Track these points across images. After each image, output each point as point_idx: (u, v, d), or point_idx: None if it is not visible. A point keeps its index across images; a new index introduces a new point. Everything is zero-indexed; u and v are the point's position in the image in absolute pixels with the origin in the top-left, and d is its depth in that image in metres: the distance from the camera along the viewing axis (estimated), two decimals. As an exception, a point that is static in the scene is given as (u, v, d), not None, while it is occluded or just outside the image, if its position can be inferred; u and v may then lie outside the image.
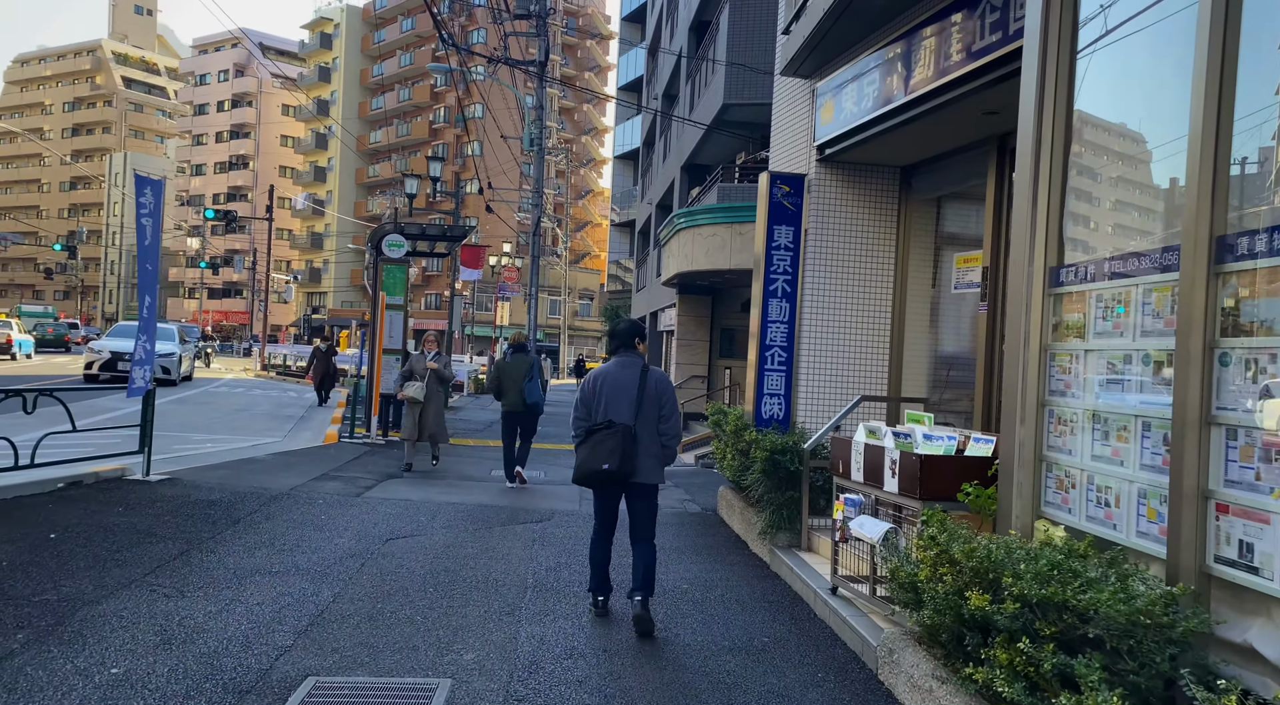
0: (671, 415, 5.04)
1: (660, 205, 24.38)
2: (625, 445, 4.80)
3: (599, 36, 79.36)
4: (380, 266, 13.17)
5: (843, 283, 7.66)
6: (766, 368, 7.60)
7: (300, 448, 11.55)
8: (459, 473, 10.77)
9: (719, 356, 16.97)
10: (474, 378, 31.05)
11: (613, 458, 4.78)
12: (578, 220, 72.51)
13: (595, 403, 4.98)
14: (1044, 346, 3.83)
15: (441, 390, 10.60)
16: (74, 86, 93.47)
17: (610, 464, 4.77)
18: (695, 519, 8.48)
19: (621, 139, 42.85)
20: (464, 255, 22.84)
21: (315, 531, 6.85)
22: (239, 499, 7.73)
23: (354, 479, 9.44)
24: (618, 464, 4.77)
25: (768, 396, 7.59)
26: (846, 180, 7.68)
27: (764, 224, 7.61)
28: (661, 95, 24.27)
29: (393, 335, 13.22)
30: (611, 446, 4.81)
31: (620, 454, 4.78)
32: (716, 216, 13.50)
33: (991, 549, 3.04)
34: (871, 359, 7.68)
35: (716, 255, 13.54)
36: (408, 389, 10.25)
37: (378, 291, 13.22)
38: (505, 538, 7.16)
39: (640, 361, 5.11)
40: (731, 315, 16.79)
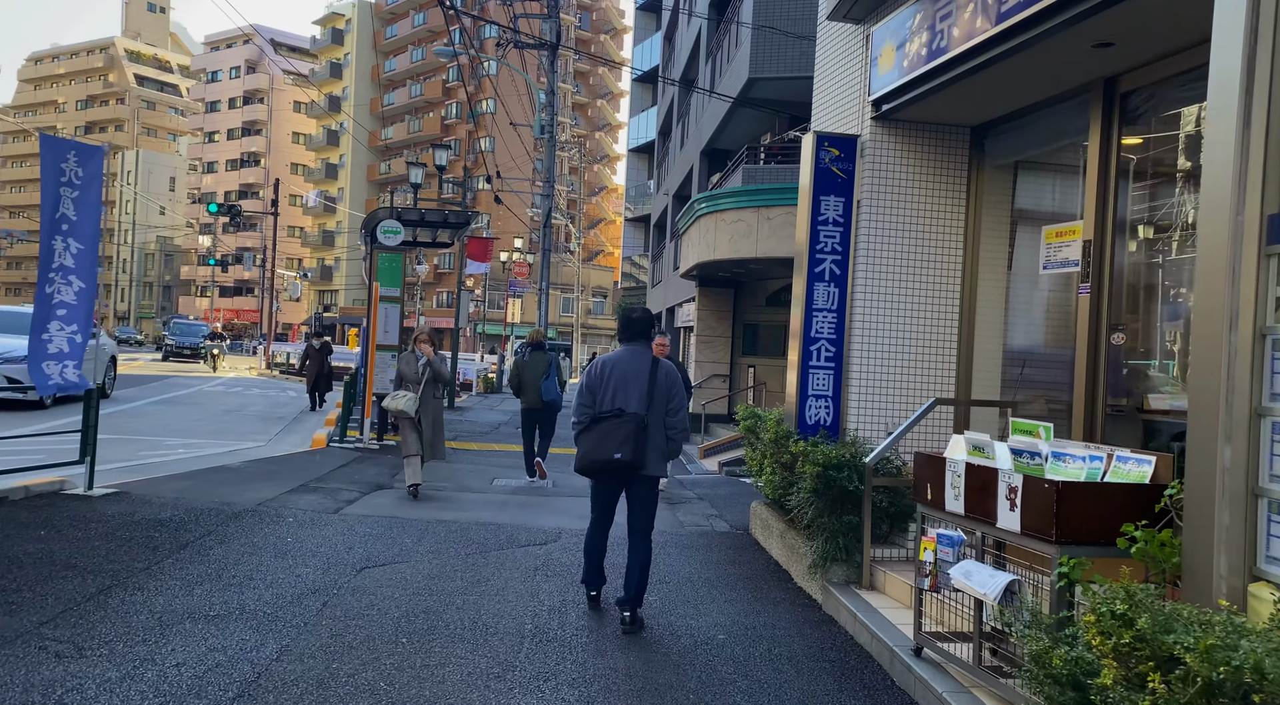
0: (680, 409, 4.93)
1: (677, 196, 23.21)
2: (639, 436, 4.68)
3: (613, 31, 78.33)
4: (375, 255, 12.08)
5: (902, 263, 6.48)
6: (811, 365, 6.43)
7: (283, 453, 10.47)
8: (457, 482, 9.66)
9: (742, 353, 15.82)
10: (483, 377, 30.02)
11: (625, 447, 4.65)
12: (591, 217, 71.53)
13: (602, 390, 4.85)
14: (1261, 330, 2.66)
15: (439, 396, 8.81)
16: (87, 84, 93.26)
17: (623, 454, 4.65)
18: (725, 541, 7.32)
19: (636, 132, 41.72)
20: (471, 248, 21.76)
21: (276, 559, 5.74)
22: (193, 518, 6.63)
23: (336, 491, 8.34)
24: (631, 454, 4.65)
25: (813, 399, 6.42)
26: (907, 143, 6.50)
27: (808, 195, 6.44)
28: (679, 79, 23.13)
29: (388, 330, 12.13)
30: (624, 436, 4.67)
31: (634, 444, 4.66)
32: (741, 200, 12.34)
33: (1254, 655, 1.86)
34: (935, 354, 6.50)
35: (741, 243, 12.40)
36: (396, 400, 8.25)
37: (372, 282, 12.13)
38: (503, 565, 6.03)
39: (649, 352, 4.96)
40: (756, 309, 15.62)
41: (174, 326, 36.45)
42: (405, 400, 8.24)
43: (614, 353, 5.03)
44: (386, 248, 12.17)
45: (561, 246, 63.72)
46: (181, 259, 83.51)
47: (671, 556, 6.54)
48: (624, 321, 5.08)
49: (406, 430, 8.38)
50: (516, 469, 11.04)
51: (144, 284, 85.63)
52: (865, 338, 6.44)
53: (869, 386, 6.42)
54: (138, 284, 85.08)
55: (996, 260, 6.54)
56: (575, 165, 66.06)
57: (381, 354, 12.09)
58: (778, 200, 12.04)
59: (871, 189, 6.46)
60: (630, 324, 5.02)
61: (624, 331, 5.06)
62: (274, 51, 79.25)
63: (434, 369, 8.50)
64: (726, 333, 15.68)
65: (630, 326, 5.01)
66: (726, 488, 10.24)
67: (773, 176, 12.95)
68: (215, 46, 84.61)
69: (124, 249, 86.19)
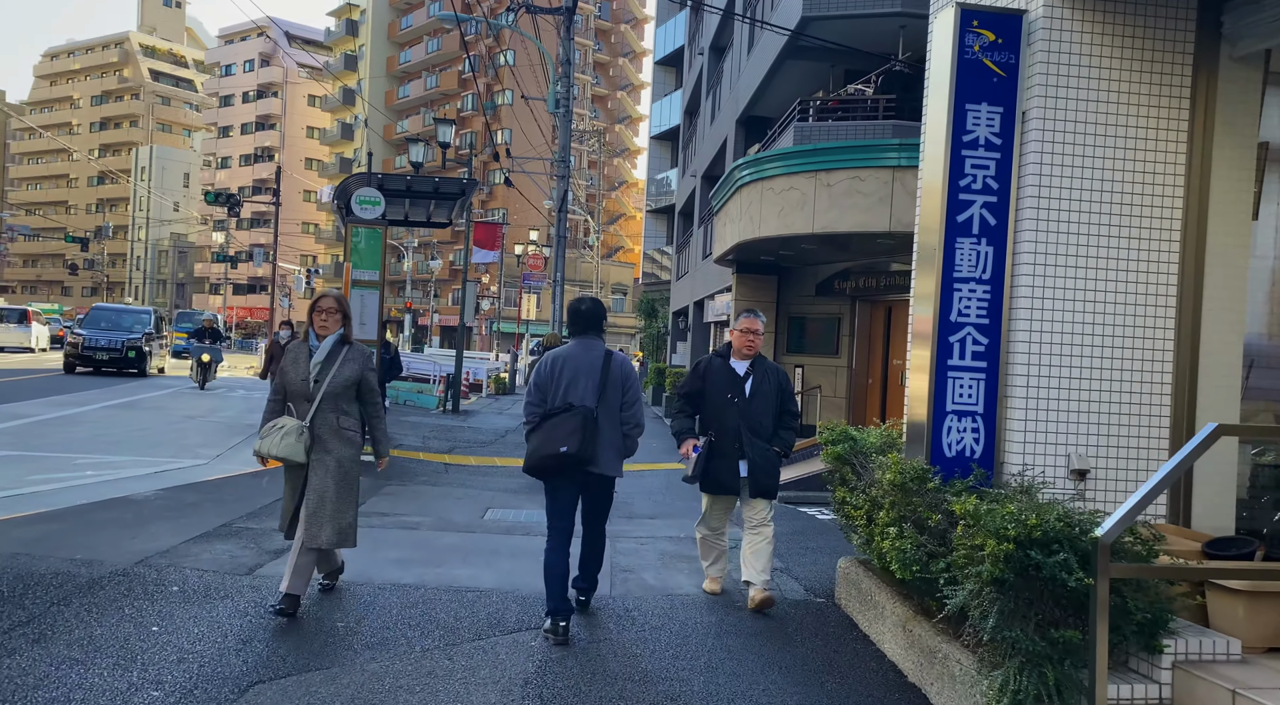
0: (635, 402, 4.64)
1: (707, 176, 20.97)
2: (586, 428, 4.37)
3: (633, 20, 76.22)
4: (349, 230, 9.95)
5: (1090, 210, 4.23)
6: (951, 366, 4.19)
7: (224, 475, 8.34)
8: (438, 515, 7.49)
9: (787, 351, 13.58)
10: (494, 378, 27.92)
11: (572, 440, 4.34)
12: (610, 213, 69.54)
13: (552, 387, 4.54)
14: None
15: (348, 428, 4.60)
16: (102, 80, 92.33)
17: (569, 446, 4.32)
18: (803, 619, 5.07)
19: (658, 119, 39.47)
20: (478, 234, 19.63)
21: (109, 675, 3.58)
22: (15, 592, 4.49)
23: (265, 534, 6.18)
24: (577, 446, 4.32)
25: (953, 418, 4.18)
26: (1099, 23, 4.23)
27: (945, 103, 4.20)
28: (709, 49, 20.92)
29: (364, 322, 9.99)
30: (571, 428, 4.37)
31: (580, 437, 4.34)
32: (794, 163, 10.13)
33: None
34: (1141, 346, 4.24)
35: (793, 216, 10.20)
36: (269, 437, 4.42)
37: (345, 263, 9.99)
38: (475, 673, 3.85)
39: (602, 345, 4.65)
40: (803, 300, 13.38)
41: None
42: (282, 435, 4.39)
43: (564, 347, 4.72)
44: (363, 221, 10.04)
45: (580, 242, 61.69)
46: (195, 256, 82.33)
47: (730, 654, 4.32)
48: (573, 313, 4.72)
49: (286, 493, 4.65)
50: (518, 493, 8.87)
51: (158, 282, 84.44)
52: (1034, 322, 4.19)
53: (1041, 397, 4.17)
54: (151, 282, 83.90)
55: (1235, 207, 4.27)
56: (594, 158, 64.02)
57: (356, 350, 9.93)
58: (840, 162, 9.83)
59: (1044, 95, 4.20)
60: (579, 316, 4.70)
61: (574, 323, 4.71)
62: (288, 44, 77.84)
63: (360, 388, 4.64)
64: (769, 327, 13.45)
65: (580, 318, 4.70)
66: (785, 522, 8.00)
67: (831, 136, 10.75)
68: (229, 39, 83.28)
69: (138, 246, 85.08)
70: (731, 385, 5.12)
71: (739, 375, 5.15)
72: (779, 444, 5.14)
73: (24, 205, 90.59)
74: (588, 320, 4.68)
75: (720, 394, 5.12)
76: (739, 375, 5.15)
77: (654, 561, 6.24)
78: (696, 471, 5.08)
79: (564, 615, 4.34)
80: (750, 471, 5.02)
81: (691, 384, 5.29)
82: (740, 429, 5.02)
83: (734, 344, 5.24)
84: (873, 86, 11.48)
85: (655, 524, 7.69)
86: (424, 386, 22.25)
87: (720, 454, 5.04)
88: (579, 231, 63.37)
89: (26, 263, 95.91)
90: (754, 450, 5.02)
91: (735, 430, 5.03)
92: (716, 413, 5.11)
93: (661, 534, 7.21)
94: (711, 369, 5.23)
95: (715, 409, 5.12)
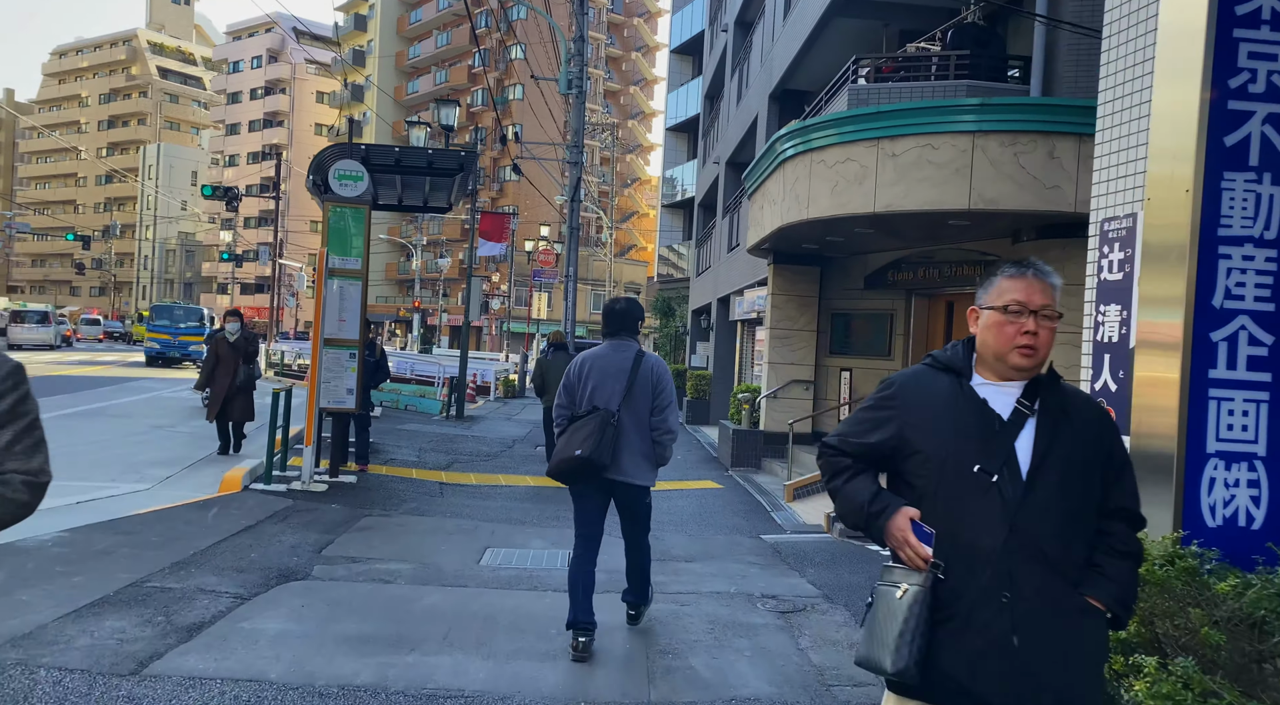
0: (667, 407, 4.30)
1: (731, 163, 19.35)
2: (604, 431, 4.11)
3: (646, 14, 74.72)
4: (326, 210, 8.40)
5: None
6: (1214, 378, 2.60)
7: (163, 507, 6.78)
8: (422, 557, 5.94)
9: (831, 353, 11.96)
10: (504, 379, 26.40)
11: (587, 444, 4.07)
12: (623, 210, 68.07)
13: (580, 389, 4.30)
14: None
15: None
16: (110, 78, 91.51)
17: (584, 449, 4.06)
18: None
19: (675, 110, 37.86)
20: (484, 224, 18.10)
21: None
22: None
23: (187, 597, 4.64)
24: (592, 450, 4.06)
25: (1218, 464, 2.58)
26: None
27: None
28: (733, 24, 19.31)
29: (344, 318, 8.46)
30: (589, 432, 4.12)
31: (597, 441, 4.08)
32: (851, 130, 8.52)
33: None
34: None
35: (849, 192, 8.60)
36: None
37: (322, 249, 8.44)
38: None
39: (635, 346, 4.41)
40: (850, 293, 11.77)
41: None
42: None
43: (595, 348, 4.47)
44: (343, 200, 8.50)
45: (593, 240, 60.11)
46: (203, 255, 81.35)
47: None
48: (607, 313, 4.47)
49: None
50: (524, 524, 7.31)
51: (165, 281, 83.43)
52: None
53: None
54: (159, 281, 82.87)
55: None
56: (607, 155, 62.48)
57: (334, 352, 8.41)
58: (908, 127, 8.25)
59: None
60: (614, 315, 4.46)
61: (608, 323, 4.47)
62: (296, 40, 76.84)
63: None
64: (810, 325, 11.85)
65: (614, 318, 4.46)
66: (857, 566, 6.40)
67: (894, 98, 9.15)
68: (237, 36, 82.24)
69: (145, 245, 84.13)
70: (986, 444, 1.96)
71: (1003, 421, 1.99)
72: (1108, 599, 1.91)
73: (32, 204, 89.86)
74: (621, 320, 4.44)
75: (958, 463, 1.96)
76: (1003, 421, 1.99)
77: (702, 635, 4.66)
78: (904, 655, 1.85)
79: (585, 630, 4.12)
80: (1037, 676, 1.87)
81: (872, 426, 2.10)
82: (1010, 556, 1.88)
83: (991, 345, 2.06)
84: (940, 43, 9.86)
85: (695, 571, 6.12)
86: (428, 390, 20.75)
87: (963, 621, 1.88)
88: (591, 229, 61.86)
89: (35, 262, 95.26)
90: (1044, 623, 1.87)
91: (998, 559, 1.89)
92: (949, 509, 1.94)
93: (706, 588, 5.63)
94: (932, 397, 2.06)
95: (944, 499, 1.95)
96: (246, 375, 9.38)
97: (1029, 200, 8.03)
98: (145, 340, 27.88)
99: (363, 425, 9.48)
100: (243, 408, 9.44)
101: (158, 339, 27.10)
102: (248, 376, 9.39)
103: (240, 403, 9.40)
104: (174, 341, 26.86)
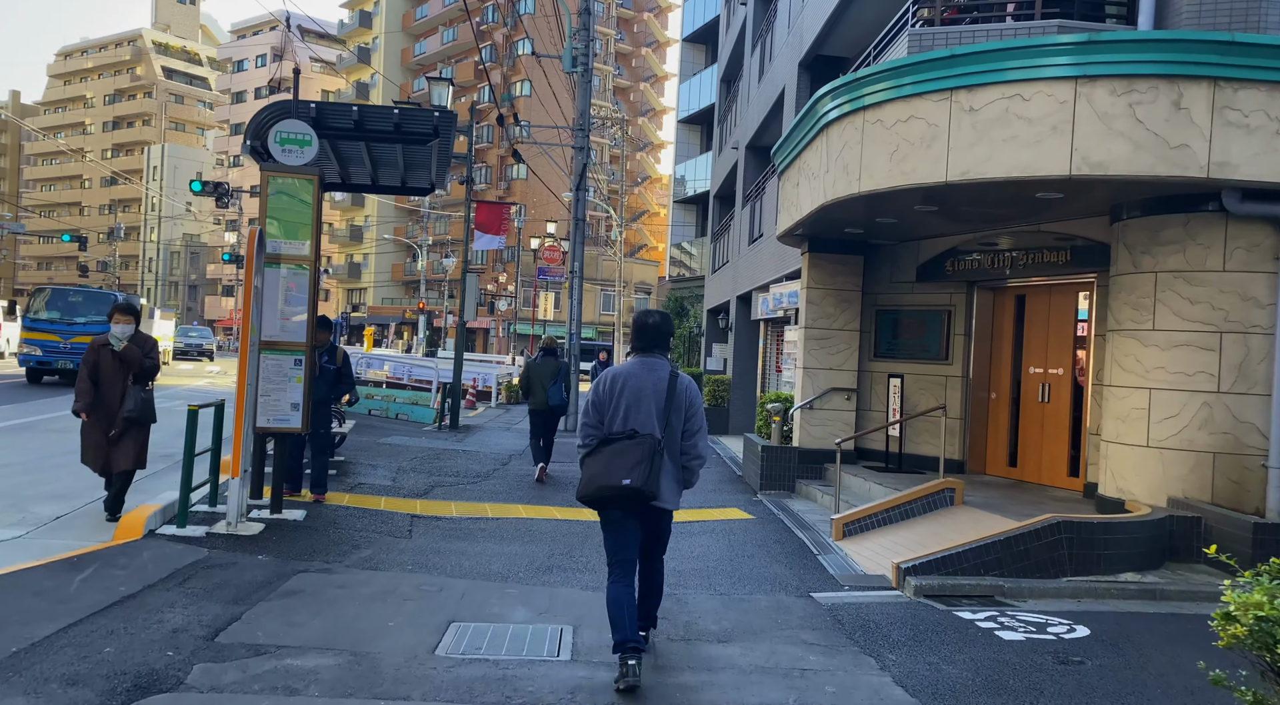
0: (698, 431, 4.23)
1: (753, 147, 17.64)
2: (653, 460, 3.97)
3: (656, 9, 73.10)
4: (265, 181, 6.75)
5: None
6: None
7: (22, 565, 5.12)
8: (354, 644, 4.28)
9: (876, 356, 10.24)
10: (507, 384, 24.78)
11: (636, 472, 3.93)
12: (633, 209, 66.48)
13: (611, 409, 4.13)
14: None
15: None
16: (115, 78, 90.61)
17: (634, 479, 3.93)
18: None
19: (686, 102, 36.17)
20: (480, 215, 16.47)
21: None
22: None
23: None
24: (644, 480, 3.93)
25: None
26: None
27: None
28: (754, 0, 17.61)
29: (287, 315, 6.81)
30: (637, 459, 3.96)
31: (648, 469, 3.95)
32: (916, 80, 6.74)
33: None
34: None
35: (914, 158, 6.87)
36: None
37: (261, 228, 6.77)
38: None
39: (666, 364, 4.23)
40: (899, 286, 10.06)
41: None
42: None
43: (625, 365, 4.25)
44: (287, 169, 6.86)
45: (602, 239, 58.50)
46: (208, 257, 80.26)
47: None
48: (639, 327, 4.26)
49: None
50: (506, 579, 5.64)
51: (170, 283, 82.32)
52: None
53: None
54: (163, 283, 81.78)
55: None
56: (616, 152, 60.85)
57: (275, 358, 6.77)
58: (993, 73, 6.55)
59: None
60: (646, 330, 4.24)
61: (639, 339, 4.26)
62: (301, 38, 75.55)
63: None
64: (851, 323, 10.10)
65: (646, 333, 4.24)
66: (952, 648, 4.70)
67: (968, 41, 7.44)
68: (242, 34, 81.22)
69: (150, 247, 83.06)
70: None
71: None
72: None
73: (38, 207, 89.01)
74: (655, 336, 4.24)
75: None
76: None
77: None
78: None
79: (634, 652, 3.89)
80: None
81: None
82: None
83: None
84: (1018, -21, 8.15)
85: (734, 661, 4.43)
86: (423, 396, 19.12)
87: None
88: (600, 228, 60.25)
89: (40, 265, 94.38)
90: None
91: None
92: None
93: (753, 700, 3.94)
94: None
95: None
96: (138, 402, 6.34)
97: (1147, 163, 6.31)
98: (21, 345, 18.15)
99: (321, 447, 7.84)
100: (128, 451, 6.33)
101: (43, 342, 17.59)
102: (139, 405, 6.35)
103: (127, 444, 6.32)
104: (64, 345, 17.30)
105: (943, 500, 7.60)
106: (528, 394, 10.37)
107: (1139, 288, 7.11)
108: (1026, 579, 5.97)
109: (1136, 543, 6.25)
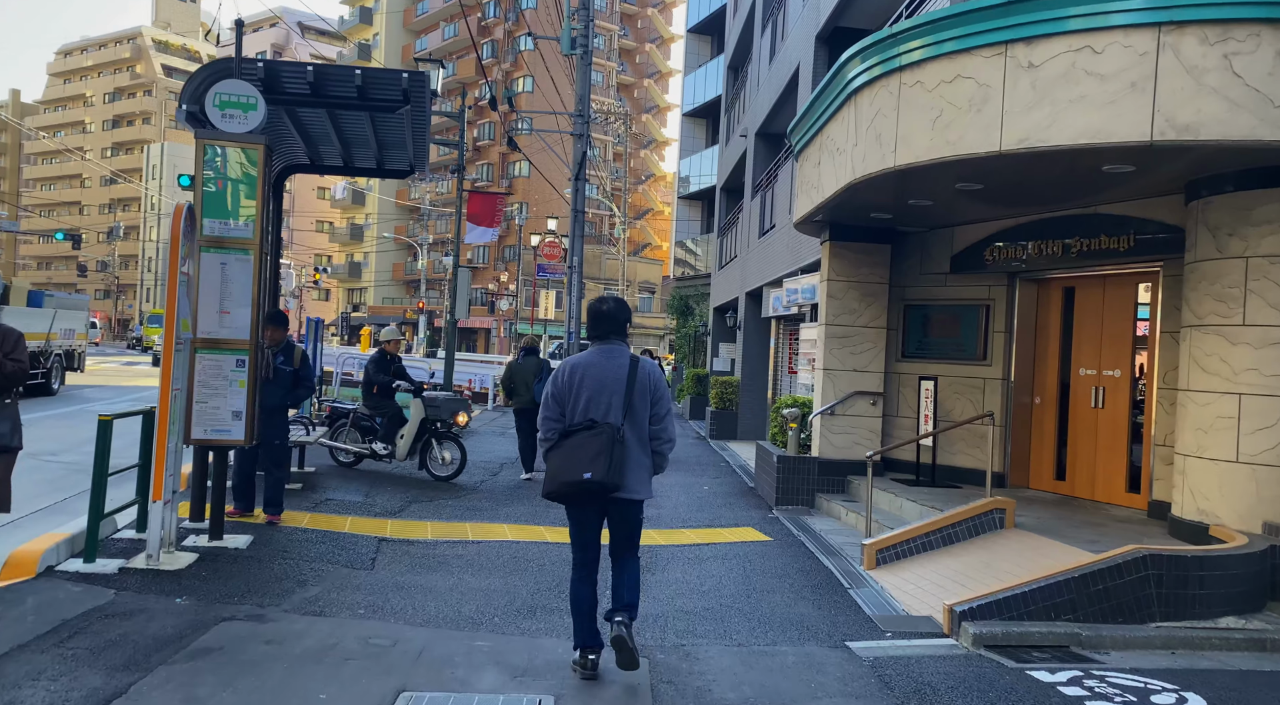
0: (665, 415, 4.11)
1: (763, 133, 16.62)
2: (614, 450, 3.87)
3: (661, 4, 72.09)
4: (200, 149, 5.74)
5: None
6: None
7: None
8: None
9: (904, 356, 9.22)
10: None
11: (597, 464, 3.82)
12: (637, 208, 65.51)
13: (572, 400, 4.01)
14: None
15: None
16: (114, 76, 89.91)
17: (594, 472, 3.82)
18: None
19: (691, 95, 35.19)
20: (472, 206, 15.48)
21: None
22: None
23: None
24: (604, 472, 3.82)
25: None
26: None
27: None
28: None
29: (228, 308, 5.81)
30: (596, 450, 3.85)
31: (608, 460, 3.83)
32: (960, 34, 5.72)
33: None
34: None
35: (961, 125, 5.81)
36: None
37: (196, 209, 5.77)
38: None
39: (626, 351, 4.13)
40: (930, 278, 9.04)
41: None
42: None
43: (583, 354, 4.12)
44: (228, 136, 5.85)
45: (605, 238, 57.47)
46: (207, 256, 79.38)
47: None
48: (594, 314, 4.13)
49: None
50: (477, 630, 4.63)
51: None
52: None
53: None
54: (163, 284, 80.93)
55: None
56: (619, 150, 59.85)
57: (213, 358, 5.76)
58: (1057, 21, 5.51)
59: None
60: (601, 317, 4.12)
61: (595, 326, 4.12)
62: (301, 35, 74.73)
63: None
64: (877, 320, 9.06)
65: (601, 320, 4.11)
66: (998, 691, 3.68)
67: None
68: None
69: (150, 247, 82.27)
70: None
71: None
72: None
73: (37, 206, 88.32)
74: (610, 323, 4.12)
75: None
76: None
77: None
78: None
79: (593, 647, 4.01)
80: None
81: None
82: None
83: None
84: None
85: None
86: (414, 399, 18.10)
87: None
88: (603, 227, 59.24)
89: (40, 265, 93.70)
90: None
91: None
92: None
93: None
94: None
95: None
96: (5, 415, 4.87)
97: (1246, 126, 5.27)
98: None
99: (276, 460, 6.84)
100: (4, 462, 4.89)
101: None
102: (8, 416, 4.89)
103: None
104: None
105: (991, 523, 6.56)
106: (511, 394, 10.69)
107: (1225, 276, 6.07)
108: (1107, 625, 4.95)
109: (1236, 580, 5.21)
